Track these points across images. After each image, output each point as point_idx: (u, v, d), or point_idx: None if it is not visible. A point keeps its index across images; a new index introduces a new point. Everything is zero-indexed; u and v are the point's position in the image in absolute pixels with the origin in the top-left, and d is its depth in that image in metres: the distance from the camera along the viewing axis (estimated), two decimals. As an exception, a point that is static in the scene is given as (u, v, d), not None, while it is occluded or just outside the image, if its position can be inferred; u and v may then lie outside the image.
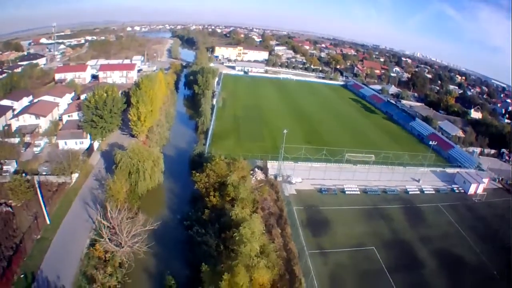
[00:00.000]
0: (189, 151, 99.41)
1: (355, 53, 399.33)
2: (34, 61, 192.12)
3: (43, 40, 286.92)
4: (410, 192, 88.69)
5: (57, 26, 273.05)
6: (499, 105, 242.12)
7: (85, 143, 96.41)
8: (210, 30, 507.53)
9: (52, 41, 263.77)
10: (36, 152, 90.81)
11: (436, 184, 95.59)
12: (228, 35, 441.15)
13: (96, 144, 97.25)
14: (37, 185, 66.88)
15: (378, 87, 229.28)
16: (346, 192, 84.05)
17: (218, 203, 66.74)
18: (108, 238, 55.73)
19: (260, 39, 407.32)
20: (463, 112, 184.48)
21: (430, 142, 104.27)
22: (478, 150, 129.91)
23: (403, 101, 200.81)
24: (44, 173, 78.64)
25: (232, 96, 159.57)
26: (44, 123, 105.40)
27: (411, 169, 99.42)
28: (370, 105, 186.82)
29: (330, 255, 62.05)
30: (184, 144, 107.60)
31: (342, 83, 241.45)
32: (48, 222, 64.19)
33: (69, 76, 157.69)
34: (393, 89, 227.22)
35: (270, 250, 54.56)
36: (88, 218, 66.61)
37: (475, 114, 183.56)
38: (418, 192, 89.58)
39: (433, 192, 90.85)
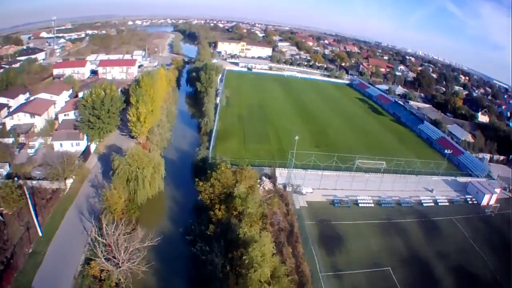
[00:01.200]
0: (192, 154, 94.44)
1: (359, 51, 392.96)
2: (33, 56, 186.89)
3: (43, 34, 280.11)
4: (424, 204, 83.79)
5: (58, 20, 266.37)
6: (503, 107, 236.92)
7: (82, 144, 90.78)
8: (212, 24, 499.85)
9: (52, 35, 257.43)
10: (30, 154, 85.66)
11: (449, 194, 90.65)
12: (230, 29, 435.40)
13: (93, 146, 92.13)
14: (27, 194, 61.44)
15: (384, 86, 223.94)
16: (360, 205, 78.89)
17: (224, 217, 61.44)
18: (104, 258, 50.78)
19: (263, 34, 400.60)
20: (470, 115, 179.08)
21: (446, 151, 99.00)
22: (487, 156, 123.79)
23: (411, 102, 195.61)
24: (38, 178, 73.33)
25: (236, 94, 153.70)
26: (39, 122, 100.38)
27: (424, 178, 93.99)
28: (377, 105, 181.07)
29: (345, 277, 57.44)
30: (186, 146, 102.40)
31: (347, 81, 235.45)
32: (40, 234, 59.48)
33: (67, 71, 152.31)
34: (399, 89, 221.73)
35: (281, 274, 49.71)
36: (83, 230, 61.63)
37: (482, 118, 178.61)
38: (433, 204, 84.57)
39: (447, 203, 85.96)
